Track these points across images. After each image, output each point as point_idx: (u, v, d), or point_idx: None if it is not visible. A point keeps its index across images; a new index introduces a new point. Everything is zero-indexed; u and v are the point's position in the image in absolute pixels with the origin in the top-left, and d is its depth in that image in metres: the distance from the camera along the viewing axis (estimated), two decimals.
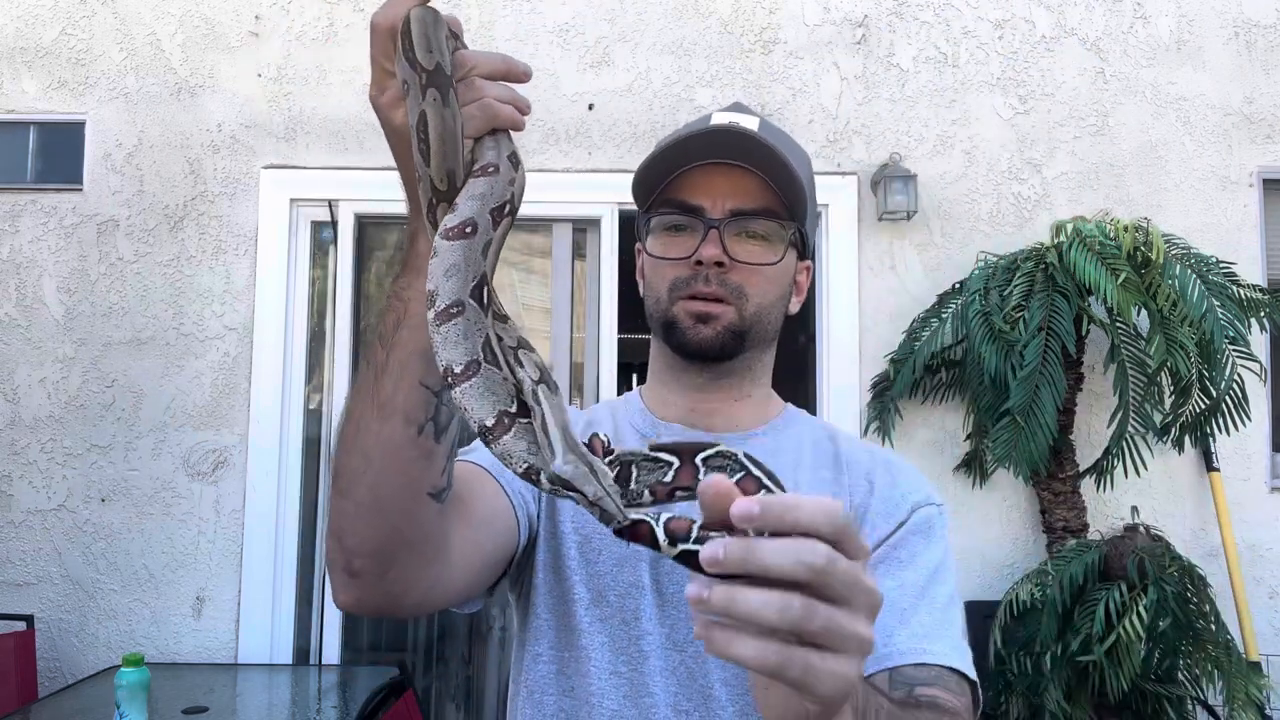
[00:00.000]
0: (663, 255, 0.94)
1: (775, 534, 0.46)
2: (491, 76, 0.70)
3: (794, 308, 1.00)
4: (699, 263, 0.91)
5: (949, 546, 0.92)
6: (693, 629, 0.49)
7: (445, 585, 0.81)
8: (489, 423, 0.59)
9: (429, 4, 0.68)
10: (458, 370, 0.60)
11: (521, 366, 0.61)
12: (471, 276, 0.63)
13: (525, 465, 0.57)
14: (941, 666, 0.81)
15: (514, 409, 0.60)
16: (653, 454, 0.63)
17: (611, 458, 0.63)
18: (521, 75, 0.71)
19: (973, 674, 0.83)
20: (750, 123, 0.92)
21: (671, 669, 0.88)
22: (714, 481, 0.48)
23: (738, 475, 0.62)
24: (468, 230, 0.63)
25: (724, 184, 0.91)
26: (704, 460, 0.62)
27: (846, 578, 0.46)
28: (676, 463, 0.62)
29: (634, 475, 0.63)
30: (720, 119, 0.93)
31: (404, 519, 0.73)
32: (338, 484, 0.73)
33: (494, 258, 0.67)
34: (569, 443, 0.55)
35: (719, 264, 0.90)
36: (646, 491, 0.63)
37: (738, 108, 0.97)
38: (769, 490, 0.61)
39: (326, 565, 0.79)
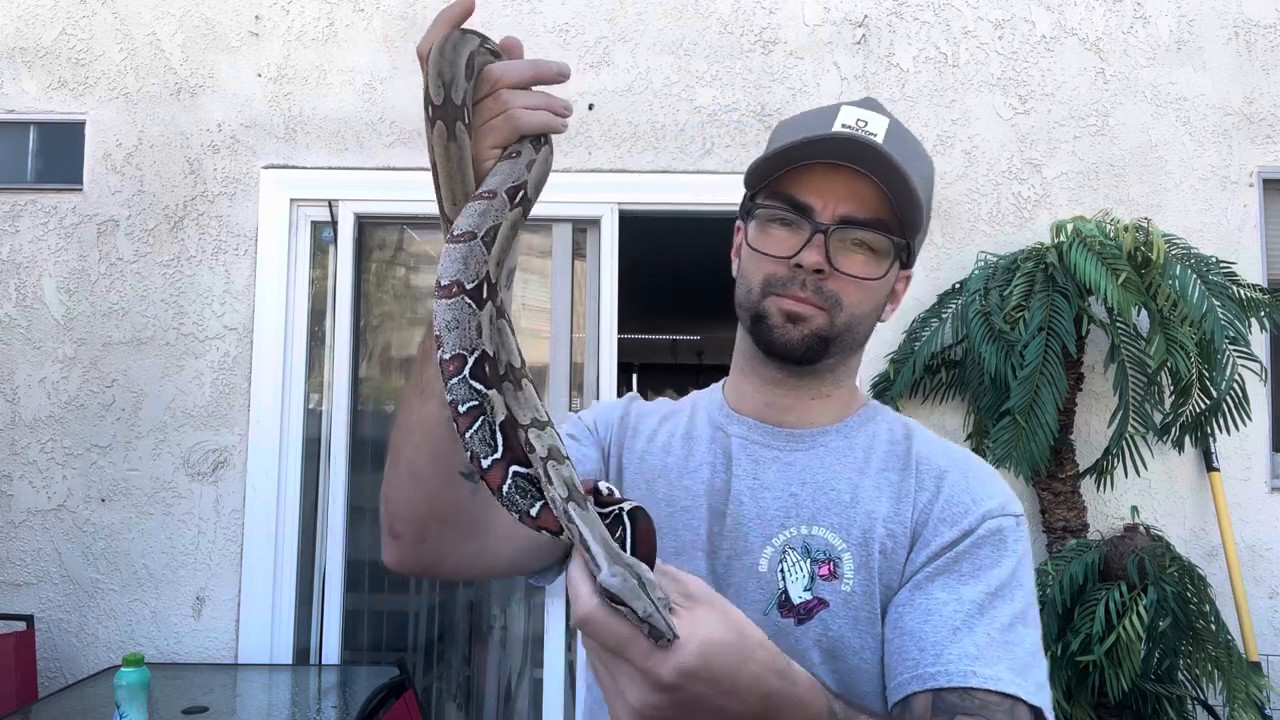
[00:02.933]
0: (763, 250, 0.91)
1: None
2: (520, 85, 0.70)
3: (887, 316, 0.98)
4: (799, 265, 0.88)
5: (1024, 562, 0.86)
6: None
7: (488, 559, 0.86)
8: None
9: (463, 27, 0.69)
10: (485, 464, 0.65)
11: (551, 484, 0.64)
12: (470, 343, 0.65)
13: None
14: (991, 692, 0.75)
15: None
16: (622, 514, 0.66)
17: (608, 510, 0.66)
18: (554, 77, 0.71)
19: (1036, 700, 0.76)
20: (878, 125, 0.88)
21: None
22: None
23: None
24: (454, 290, 0.65)
25: (839, 187, 0.88)
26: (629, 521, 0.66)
27: (600, 656, 0.58)
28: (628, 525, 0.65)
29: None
30: (848, 116, 0.89)
31: (437, 494, 0.79)
32: (389, 454, 0.81)
33: (503, 275, 0.69)
34: (611, 553, 0.57)
35: (819, 271, 0.88)
36: None
37: (870, 104, 0.93)
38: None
39: (382, 525, 0.85)
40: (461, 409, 0.64)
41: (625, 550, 0.61)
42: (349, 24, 3.09)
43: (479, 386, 0.64)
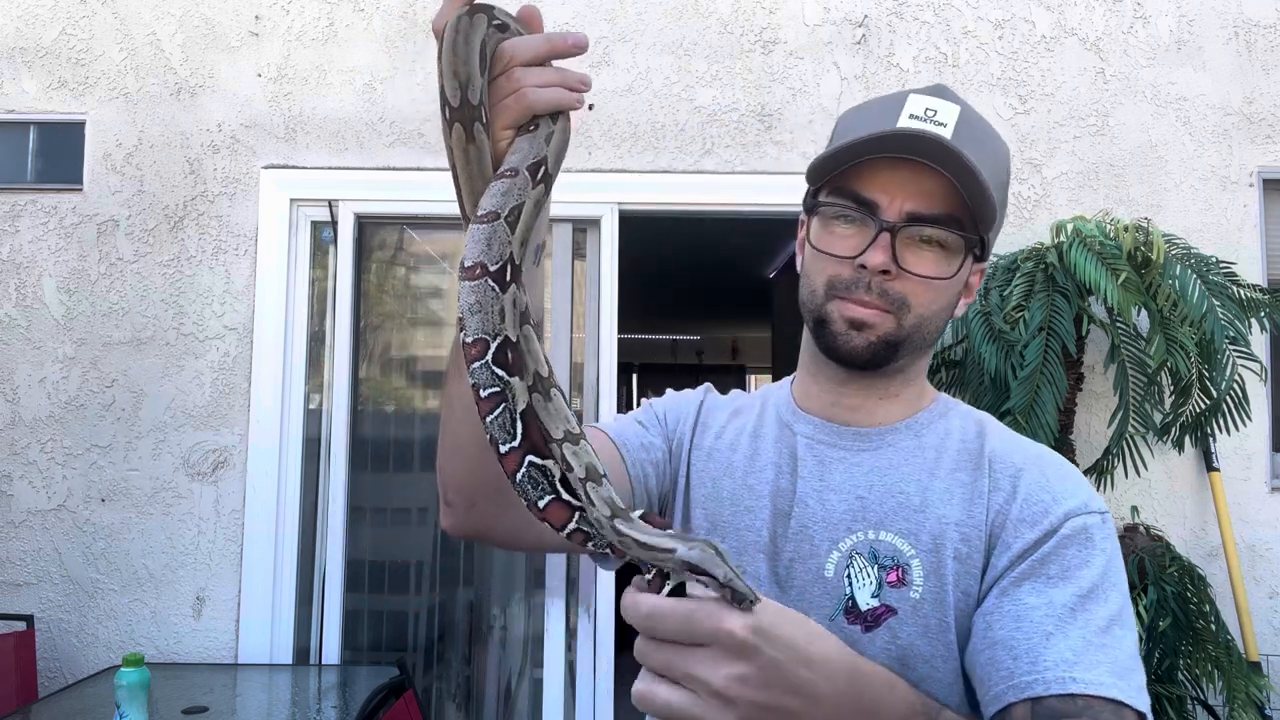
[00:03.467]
0: (826, 250, 0.87)
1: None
2: (535, 61, 0.68)
3: (961, 310, 0.93)
4: (863, 266, 0.84)
5: (1114, 561, 0.82)
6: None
7: (538, 530, 0.87)
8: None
9: (474, 6, 0.67)
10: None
11: (594, 505, 0.64)
12: (493, 327, 0.65)
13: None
14: (1094, 697, 0.71)
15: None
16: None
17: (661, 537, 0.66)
18: (570, 49, 0.70)
19: (1138, 704, 0.72)
20: (949, 114, 0.84)
21: None
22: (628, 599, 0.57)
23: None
24: (477, 272, 0.65)
25: (905, 181, 0.83)
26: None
27: (659, 662, 0.55)
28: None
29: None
30: (916, 105, 0.85)
31: (480, 465, 0.79)
32: (440, 428, 0.84)
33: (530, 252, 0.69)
34: (678, 537, 0.58)
35: (885, 271, 0.84)
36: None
37: (938, 91, 0.88)
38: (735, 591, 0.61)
39: (439, 492, 0.87)
40: (483, 394, 0.64)
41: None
42: (349, 24, 3.09)
43: (501, 373, 0.64)
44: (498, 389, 0.64)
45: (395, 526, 3.13)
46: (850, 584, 0.85)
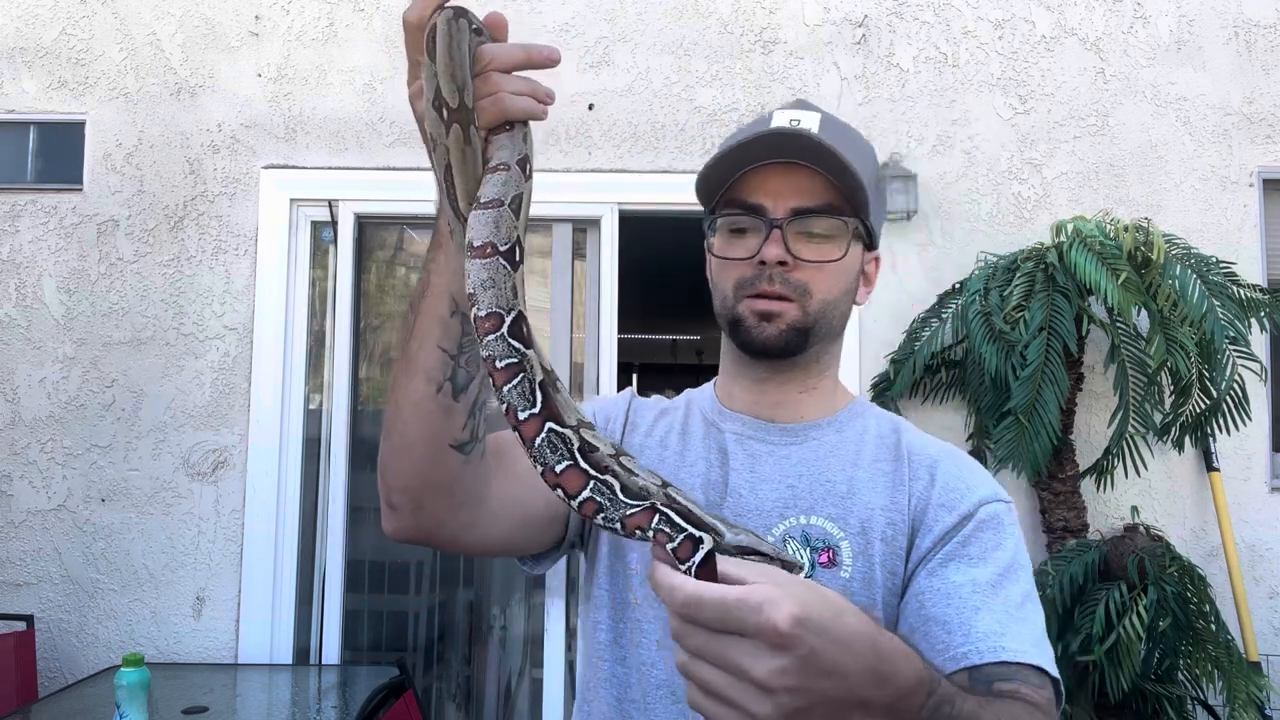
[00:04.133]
0: (727, 255, 0.96)
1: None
2: (510, 69, 0.72)
3: (862, 299, 1.02)
4: (762, 262, 0.92)
5: (1021, 545, 0.91)
6: None
7: (480, 530, 0.89)
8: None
9: (457, 10, 0.69)
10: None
11: (636, 475, 0.67)
12: (506, 301, 0.67)
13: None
14: (1020, 664, 0.80)
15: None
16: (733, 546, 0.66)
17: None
18: (544, 61, 0.73)
19: (1054, 671, 0.82)
20: (811, 120, 0.93)
21: None
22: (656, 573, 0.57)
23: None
24: (488, 251, 0.67)
25: (784, 183, 0.93)
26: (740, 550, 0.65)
27: (698, 645, 0.55)
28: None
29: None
30: (781, 118, 0.94)
31: (429, 465, 0.82)
32: (384, 429, 0.84)
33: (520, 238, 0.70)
34: (723, 520, 0.61)
35: (782, 263, 0.92)
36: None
37: (801, 104, 0.98)
38: (780, 562, 0.64)
39: (380, 496, 0.88)
40: (499, 364, 0.65)
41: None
42: (349, 24, 3.09)
43: (517, 344, 0.65)
44: (515, 359, 0.65)
45: None
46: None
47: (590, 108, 3.07)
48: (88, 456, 2.95)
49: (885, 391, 2.90)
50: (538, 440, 0.66)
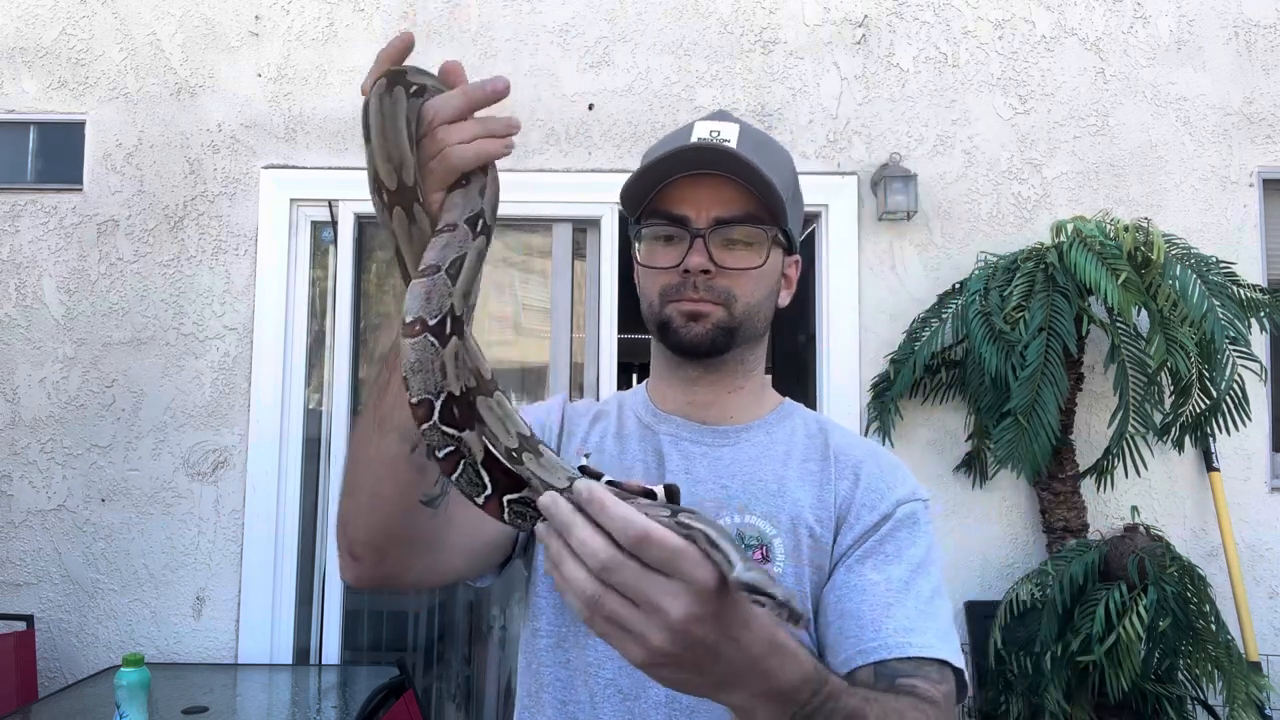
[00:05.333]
0: (653, 265, 0.99)
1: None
2: (456, 118, 0.69)
3: (784, 301, 1.05)
4: (686, 271, 0.95)
5: (934, 540, 0.96)
6: None
7: (443, 568, 0.92)
8: None
9: (389, 77, 0.66)
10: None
11: (678, 516, 0.61)
12: (435, 385, 0.64)
13: None
14: (923, 658, 0.85)
15: None
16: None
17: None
18: (489, 97, 0.69)
19: (957, 661, 0.87)
20: (730, 132, 0.97)
21: None
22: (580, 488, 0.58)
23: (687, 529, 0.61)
24: (416, 328, 0.64)
25: (706, 194, 0.96)
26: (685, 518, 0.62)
27: (625, 579, 0.56)
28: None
29: None
30: (702, 130, 0.97)
31: (398, 520, 0.82)
32: (345, 484, 0.84)
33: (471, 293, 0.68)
34: (740, 551, 0.58)
35: (705, 271, 0.95)
36: None
37: (720, 116, 1.01)
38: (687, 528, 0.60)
39: (337, 545, 0.88)
40: (440, 455, 0.64)
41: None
42: (349, 24, 3.09)
43: (451, 431, 0.64)
44: (452, 448, 0.64)
45: None
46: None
47: (590, 108, 3.07)
48: (88, 456, 2.95)
49: (885, 391, 2.90)
50: (505, 515, 0.66)
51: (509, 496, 0.65)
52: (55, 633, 2.90)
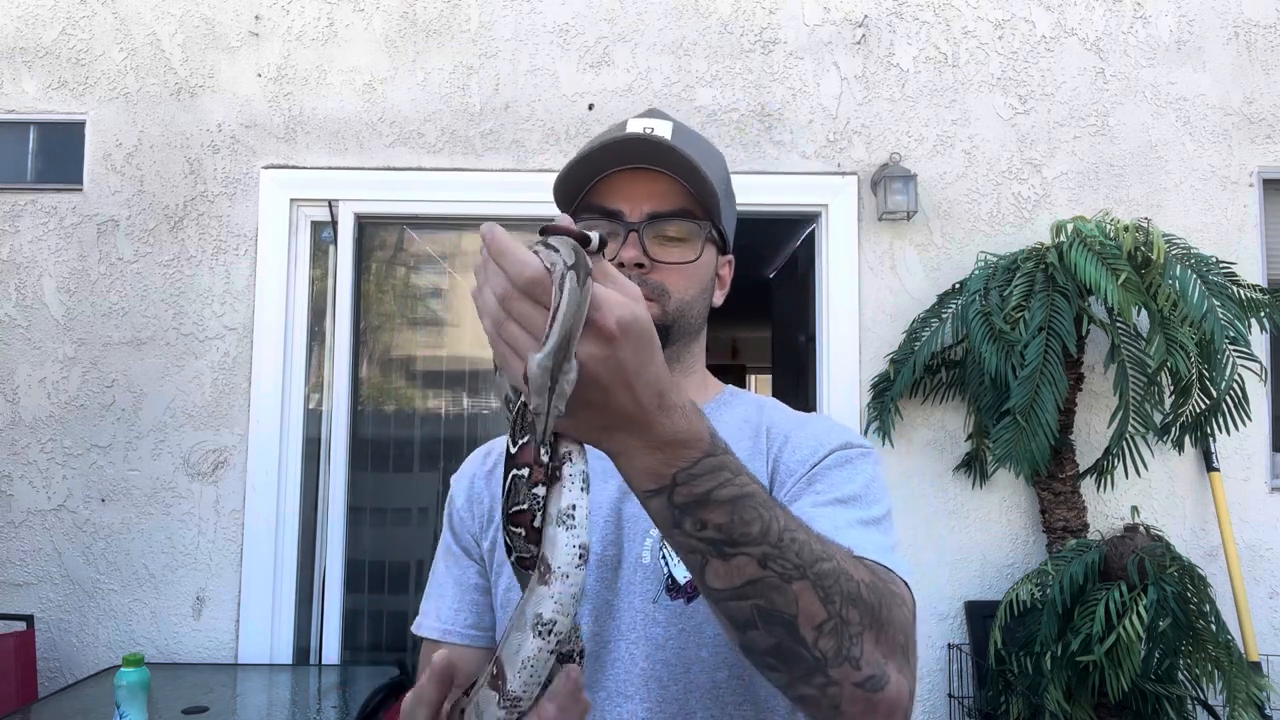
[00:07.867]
0: None
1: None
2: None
3: (718, 300, 1.05)
4: (620, 265, 0.94)
5: (878, 481, 0.90)
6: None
7: None
8: None
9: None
10: None
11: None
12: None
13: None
14: (875, 561, 0.78)
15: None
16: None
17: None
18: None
19: (905, 575, 0.79)
20: (664, 129, 0.96)
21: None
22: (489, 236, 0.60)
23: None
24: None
25: (640, 188, 0.95)
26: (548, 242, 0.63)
27: (518, 311, 0.58)
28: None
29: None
30: (635, 126, 0.97)
31: None
32: None
33: None
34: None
35: (639, 265, 0.94)
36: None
37: (653, 113, 1.01)
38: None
39: None
40: None
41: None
42: (349, 24, 3.09)
43: None
44: None
45: (395, 526, 3.13)
46: (667, 563, 0.92)
47: (590, 108, 3.07)
48: (88, 456, 2.95)
49: (885, 391, 2.91)
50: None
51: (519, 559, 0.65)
52: (55, 633, 2.90)
